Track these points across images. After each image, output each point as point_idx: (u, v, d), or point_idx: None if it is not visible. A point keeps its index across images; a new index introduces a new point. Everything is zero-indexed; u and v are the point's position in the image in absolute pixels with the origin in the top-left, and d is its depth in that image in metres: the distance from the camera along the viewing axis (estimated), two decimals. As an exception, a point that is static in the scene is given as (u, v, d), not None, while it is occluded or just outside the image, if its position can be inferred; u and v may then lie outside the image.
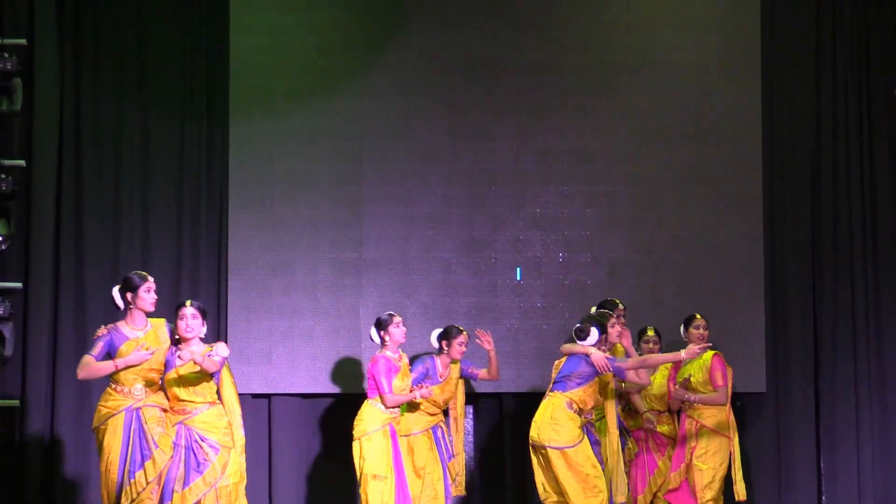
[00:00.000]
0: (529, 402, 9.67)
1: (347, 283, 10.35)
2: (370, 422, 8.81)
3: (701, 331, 9.33)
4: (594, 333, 8.59)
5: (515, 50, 10.54)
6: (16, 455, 10.05)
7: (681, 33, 10.62)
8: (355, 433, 8.84)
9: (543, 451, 8.50)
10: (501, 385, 10.20)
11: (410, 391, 8.94)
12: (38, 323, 10.08)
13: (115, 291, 8.02)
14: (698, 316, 9.47)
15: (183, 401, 7.90)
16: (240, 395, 10.18)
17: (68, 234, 10.24)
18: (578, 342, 8.63)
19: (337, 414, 10.35)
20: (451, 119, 10.48)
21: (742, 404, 10.39)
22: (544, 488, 8.60)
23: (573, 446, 8.45)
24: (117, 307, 8.04)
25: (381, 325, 8.96)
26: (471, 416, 10.43)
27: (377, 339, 8.99)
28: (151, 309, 8.01)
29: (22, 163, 9.92)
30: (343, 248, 10.37)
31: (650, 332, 9.59)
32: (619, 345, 9.14)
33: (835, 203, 10.72)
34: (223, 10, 10.41)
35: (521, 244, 10.46)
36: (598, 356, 8.52)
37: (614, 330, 8.84)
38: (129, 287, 7.96)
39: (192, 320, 7.89)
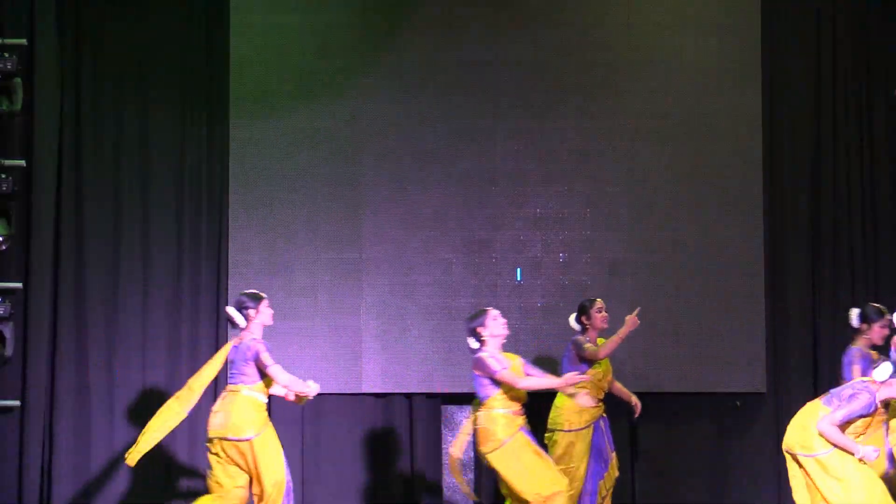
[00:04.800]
0: (530, 400, 9.64)
1: (347, 283, 10.35)
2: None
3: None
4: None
5: (515, 50, 10.54)
6: (16, 455, 10.05)
7: (681, 33, 10.62)
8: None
9: (796, 460, 7.96)
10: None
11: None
12: (38, 323, 10.08)
13: (231, 310, 8.12)
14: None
15: None
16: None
17: (68, 234, 10.24)
18: None
19: (337, 414, 10.35)
20: (451, 119, 10.48)
21: (742, 404, 10.39)
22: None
23: (826, 452, 7.81)
24: (235, 325, 8.13)
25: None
26: (466, 415, 10.39)
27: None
28: (271, 322, 8.22)
29: (22, 163, 9.94)
30: (343, 248, 10.37)
31: None
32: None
33: (835, 203, 10.72)
34: (223, 10, 10.42)
35: (521, 244, 10.46)
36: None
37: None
38: (250, 304, 8.10)
39: None
